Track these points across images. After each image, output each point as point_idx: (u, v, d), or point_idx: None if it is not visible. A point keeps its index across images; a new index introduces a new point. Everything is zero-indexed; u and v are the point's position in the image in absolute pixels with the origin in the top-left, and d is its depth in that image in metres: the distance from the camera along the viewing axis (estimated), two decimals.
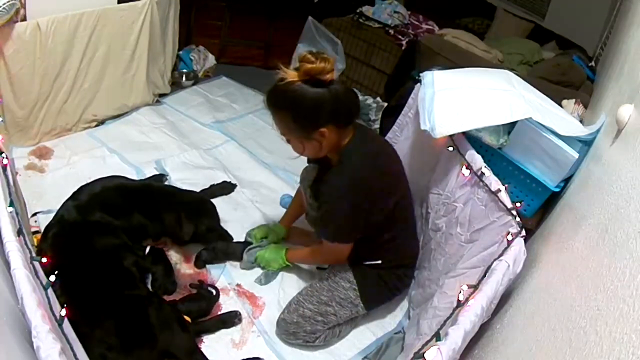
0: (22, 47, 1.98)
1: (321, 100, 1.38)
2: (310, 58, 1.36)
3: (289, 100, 1.40)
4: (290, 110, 1.42)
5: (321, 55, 1.37)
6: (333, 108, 1.40)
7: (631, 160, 1.00)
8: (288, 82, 1.38)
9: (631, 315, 0.66)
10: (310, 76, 1.36)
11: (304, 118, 1.42)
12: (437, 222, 1.71)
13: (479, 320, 1.12)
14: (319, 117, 1.41)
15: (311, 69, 1.35)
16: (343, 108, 1.43)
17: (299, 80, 1.37)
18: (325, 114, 1.41)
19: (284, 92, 1.40)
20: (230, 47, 3.48)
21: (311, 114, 1.40)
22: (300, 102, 1.39)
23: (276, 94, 1.43)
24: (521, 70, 2.77)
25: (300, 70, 1.37)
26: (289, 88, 1.38)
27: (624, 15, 2.28)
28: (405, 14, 3.31)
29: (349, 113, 1.47)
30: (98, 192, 1.71)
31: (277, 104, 1.44)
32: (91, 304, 1.39)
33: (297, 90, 1.38)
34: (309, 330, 1.60)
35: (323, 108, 1.40)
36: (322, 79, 1.37)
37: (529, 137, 1.59)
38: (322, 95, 1.38)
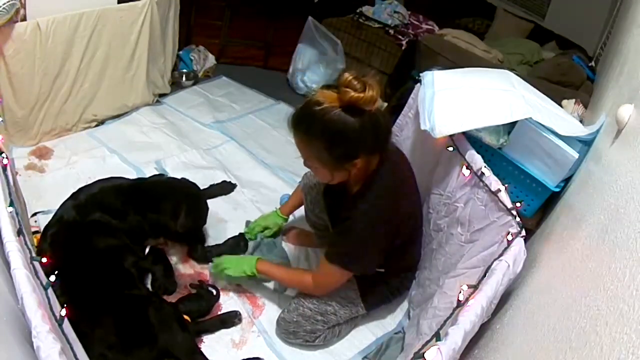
0: (22, 47, 1.98)
1: (363, 133, 1.26)
2: (356, 85, 1.22)
3: (326, 129, 1.26)
4: (327, 141, 1.28)
5: (367, 81, 1.24)
6: (373, 138, 1.30)
7: (631, 160, 1.00)
8: (325, 109, 1.23)
9: (631, 315, 0.66)
10: (355, 105, 1.23)
11: (342, 149, 1.29)
12: (439, 222, 1.71)
13: (479, 320, 1.12)
14: (358, 149, 1.29)
15: (358, 99, 1.21)
16: (380, 137, 1.33)
17: (339, 107, 1.24)
18: (365, 145, 1.30)
19: (321, 119, 1.24)
20: (230, 47, 3.48)
21: (351, 145, 1.28)
22: (339, 134, 1.25)
23: (310, 120, 1.28)
24: (521, 70, 2.77)
25: (343, 97, 1.22)
26: (326, 117, 1.23)
27: (624, 15, 2.28)
28: (405, 14, 3.31)
29: (384, 141, 1.37)
30: (96, 193, 1.71)
31: (309, 131, 1.29)
32: (91, 304, 1.39)
33: (337, 119, 1.23)
34: (309, 330, 1.60)
35: (364, 140, 1.28)
36: (366, 109, 1.24)
37: (529, 137, 1.59)
38: (364, 126, 1.25)
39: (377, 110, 1.29)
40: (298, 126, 1.31)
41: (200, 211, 1.86)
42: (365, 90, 1.22)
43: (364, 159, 1.33)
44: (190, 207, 1.78)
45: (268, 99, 3.06)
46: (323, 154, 1.31)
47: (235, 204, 2.19)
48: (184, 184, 1.90)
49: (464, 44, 2.88)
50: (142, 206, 1.73)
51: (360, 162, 1.32)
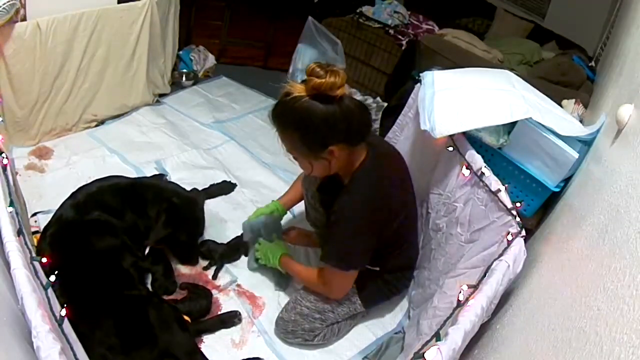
0: (22, 47, 1.98)
1: (331, 118, 1.29)
2: (319, 72, 1.26)
3: (296, 118, 1.31)
4: (298, 129, 1.33)
5: (331, 69, 1.27)
6: (344, 126, 1.31)
7: (631, 160, 1.00)
8: (295, 98, 1.29)
9: (631, 315, 0.66)
10: (319, 92, 1.27)
11: (313, 137, 1.33)
12: (438, 222, 1.71)
13: (479, 320, 1.12)
14: (329, 136, 1.32)
15: (320, 84, 1.25)
16: (354, 126, 1.34)
17: (306, 96, 1.28)
18: (335, 132, 1.32)
19: (290, 109, 1.31)
20: (230, 47, 3.48)
21: (320, 132, 1.31)
22: (308, 120, 1.30)
23: (282, 111, 1.34)
24: (521, 70, 2.77)
25: (308, 85, 1.27)
26: (295, 105, 1.29)
27: (624, 15, 2.28)
28: (405, 14, 3.31)
29: (360, 131, 1.38)
30: (94, 192, 1.71)
31: (283, 121, 1.35)
32: (91, 304, 1.39)
33: (305, 107, 1.28)
34: (308, 329, 1.60)
35: (333, 126, 1.30)
36: (332, 95, 1.27)
37: (529, 137, 1.58)
38: (332, 112, 1.28)
39: (350, 100, 1.32)
40: (274, 118, 1.37)
41: (183, 224, 1.76)
42: (327, 77, 1.25)
43: (341, 149, 1.35)
44: (171, 218, 1.70)
45: (268, 99, 3.06)
46: (297, 144, 1.36)
47: (235, 204, 2.19)
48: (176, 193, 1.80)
49: (464, 44, 2.87)
50: (136, 207, 1.72)
51: (337, 151, 1.35)
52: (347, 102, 1.31)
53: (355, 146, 1.40)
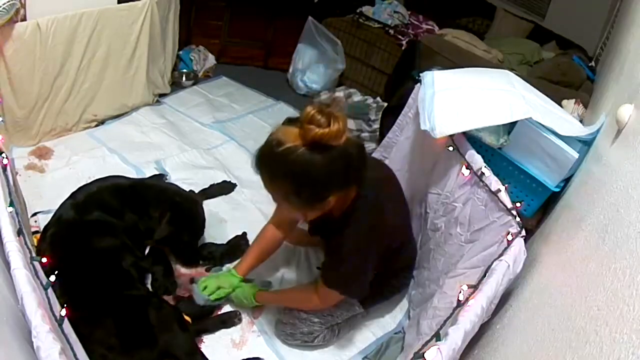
0: (22, 47, 1.98)
1: (333, 170, 1.15)
2: (319, 120, 1.09)
3: (291, 172, 1.15)
4: (292, 184, 1.17)
5: (332, 113, 1.11)
6: (344, 174, 1.19)
7: (631, 160, 1.00)
8: (289, 150, 1.11)
9: (631, 315, 0.66)
10: (321, 143, 1.11)
11: (311, 191, 1.19)
12: (436, 221, 1.71)
13: (479, 320, 1.12)
14: (328, 188, 1.19)
15: (323, 136, 1.09)
16: (354, 171, 1.22)
17: (303, 146, 1.11)
18: (336, 182, 1.19)
19: (284, 162, 1.13)
20: (230, 47, 3.47)
21: (319, 186, 1.18)
22: (306, 175, 1.14)
23: (272, 163, 1.17)
24: (521, 70, 2.77)
25: (306, 135, 1.10)
26: (290, 158, 1.12)
27: (624, 15, 2.28)
28: (405, 14, 3.31)
29: (358, 173, 1.25)
30: (94, 192, 1.71)
31: (273, 174, 1.19)
32: (91, 304, 1.39)
33: (302, 161, 1.12)
34: (306, 331, 1.60)
35: (334, 177, 1.17)
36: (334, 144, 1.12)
37: (529, 137, 1.58)
38: (333, 163, 1.14)
39: (347, 141, 1.16)
40: (261, 168, 1.21)
41: (185, 223, 1.77)
42: (330, 124, 1.09)
43: (339, 195, 1.24)
44: (174, 217, 1.72)
45: (268, 99, 3.06)
46: (291, 197, 1.21)
47: (235, 204, 2.19)
48: (178, 193, 1.82)
49: (464, 44, 2.87)
50: (137, 207, 1.72)
51: (335, 198, 1.23)
52: (349, 146, 1.16)
53: (350, 187, 1.29)
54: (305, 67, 3.18)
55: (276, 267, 1.90)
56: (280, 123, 1.22)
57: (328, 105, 1.14)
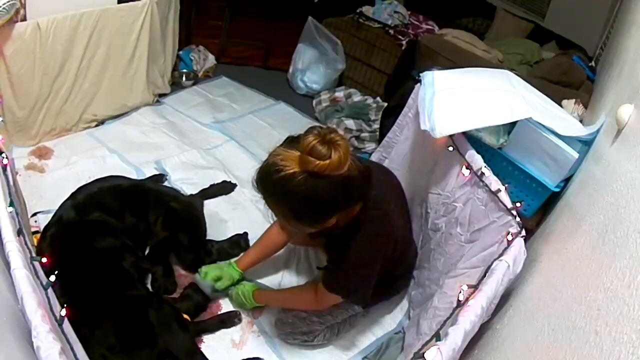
0: (22, 47, 1.98)
1: (333, 196, 1.14)
2: (319, 152, 1.06)
3: (290, 198, 1.14)
4: (292, 210, 1.17)
5: (334, 142, 1.08)
6: (345, 197, 1.17)
7: (631, 160, 1.00)
8: (288, 176, 1.10)
9: (631, 315, 0.66)
10: (323, 174, 1.09)
11: (310, 216, 1.19)
12: (437, 222, 1.71)
13: (479, 320, 1.12)
14: (329, 213, 1.20)
15: (322, 168, 1.07)
16: (356, 192, 1.20)
17: (303, 172, 1.09)
18: (337, 206, 1.19)
19: (283, 188, 1.12)
20: (230, 47, 3.47)
21: (319, 212, 1.18)
22: (305, 202, 1.13)
23: (272, 188, 1.16)
24: (521, 70, 2.77)
25: (306, 165, 1.08)
26: (290, 185, 1.10)
27: (624, 15, 2.28)
28: (405, 14, 3.31)
29: (362, 193, 1.24)
30: (94, 192, 1.71)
31: (271, 196, 1.19)
32: (91, 304, 1.39)
33: (301, 188, 1.09)
34: (306, 331, 1.60)
35: (334, 203, 1.17)
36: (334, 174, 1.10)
37: (529, 137, 1.59)
38: (334, 190, 1.12)
39: (350, 167, 1.13)
40: (261, 191, 1.20)
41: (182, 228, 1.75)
42: (332, 156, 1.07)
43: (340, 215, 1.24)
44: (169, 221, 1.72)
45: (268, 99, 3.06)
46: (291, 221, 1.22)
47: (235, 204, 2.19)
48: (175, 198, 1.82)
49: (464, 44, 2.87)
50: (136, 210, 1.72)
51: (335, 218, 1.24)
52: (352, 173, 1.14)
53: (356, 204, 1.28)
54: (305, 67, 3.18)
55: (276, 267, 1.90)
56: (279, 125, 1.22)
57: (330, 131, 1.12)
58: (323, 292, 1.43)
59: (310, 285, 1.63)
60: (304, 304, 1.58)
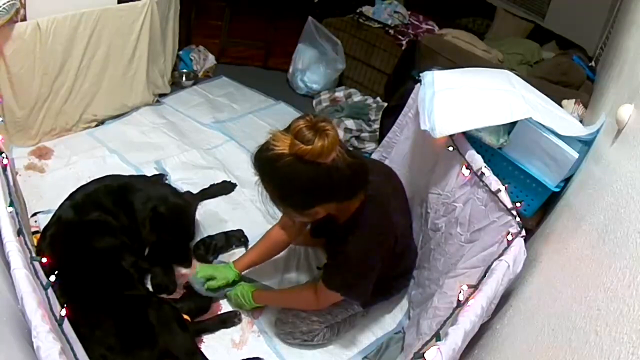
0: (22, 47, 1.98)
1: (316, 184, 1.17)
2: (306, 135, 1.10)
3: (277, 177, 1.19)
4: (277, 188, 1.22)
5: (322, 127, 1.11)
6: (330, 189, 1.19)
7: (631, 160, 1.00)
8: (277, 156, 1.14)
9: (631, 315, 0.66)
10: (306, 159, 1.12)
11: (295, 199, 1.23)
12: (437, 222, 1.71)
13: (479, 320, 1.12)
14: (311, 200, 1.22)
15: (306, 152, 1.10)
16: (344, 187, 1.22)
17: (290, 155, 1.13)
18: (320, 195, 1.21)
19: (271, 167, 1.17)
20: (230, 47, 3.48)
21: (302, 195, 1.21)
22: (288, 183, 1.18)
23: (262, 166, 1.21)
24: (521, 70, 2.77)
25: (292, 147, 1.12)
26: (277, 164, 1.14)
27: (624, 15, 2.28)
28: (405, 14, 3.31)
29: (352, 190, 1.27)
30: (91, 192, 1.71)
31: (262, 175, 1.23)
32: (91, 304, 1.39)
33: (286, 168, 1.14)
34: (306, 330, 1.60)
35: (318, 191, 1.19)
36: (319, 161, 1.13)
37: (529, 137, 1.59)
38: (317, 178, 1.15)
39: (342, 160, 1.16)
40: (255, 167, 1.23)
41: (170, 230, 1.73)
42: (315, 142, 1.10)
43: (327, 207, 1.26)
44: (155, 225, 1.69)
45: (268, 99, 3.06)
46: (277, 201, 1.26)
47: (235, 204, 2.19)
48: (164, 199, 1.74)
49: (464, 44, 2.87)
50: (126, 210, 1.71)
51: (323, 210, 1.26)
52: (339, 165, 1.15)
53: (344, 202, 1.29)
54: (305, 67, 3.18)
55: (276, 267, 1.89)
56: (279, 125, 1.24)
57: (323, 120, 1.14)
58: (322, 290, 1.44)
59: (310, 284, 1.63)
60: (303, 303, 1.58)
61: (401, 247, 1.52)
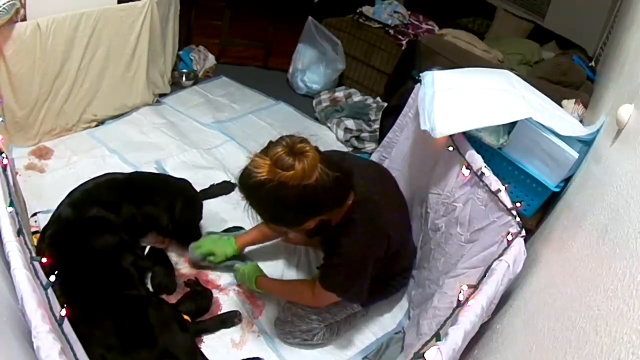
0: (22, 47, 1.98)
1: (302, 203, 1.18)
2: (286, 162, 1.11)
3: (262, 203, 1.21)
4: (266, 212, 1.25)
5: (299, 150, 1.13)
6: (318, 204, 1.22)
7: (631, 160, 1.00)
8: (260, 182, 1.15)
9: (631, 315, 0.66)
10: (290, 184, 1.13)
11: (284, 220, 1.27)
12: (437, 222, 1.71)
13: (479, 320, 1.12)
14: (301, 218, 1.25)
15: (286, 179, 1.12)
16: (331, 199, 1.24)
17: (272, 181, 1.14)
18: (309, 212, 1.24)
19: (256, 193, 1.19)
20: (230, 47, 3.48)
21: (290, 216, 1.24)
22: (277, 207, 1.19)
23: (247, 192, 1.22)
24: (521, 70, 2.77)
25: (272, 174, 1.13)
26: (261, 189, 1.15)
27: (624, 15, 2.28)
28: (405, 14, 3.31)
29: (339, 200, 1.29)
30: (90, 188, 1.72)
31: (249, 199, 1.23)
32: (90, 304, 1.39)
33: (270, 195, 1.15)
34: (305, 329, 1.60)
35: (305, 209, 1.22)
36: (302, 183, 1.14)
37: (529, 137, 1.59)
38: (302, 197, 1.16)
39: (324, 175, 1.17)
40: (241, 192, 1.25)
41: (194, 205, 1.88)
42: (295, 167, 1.12)
43: (317, 220, 1.28)
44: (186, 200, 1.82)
45: (268, 99, 3.06)
46: (267, 221, 1.29)
47: (235, 203, 2.18)
48: (177, 180, 1.94)
49: (464, 44, 2.87)
50: (136, 198, 1.74)
51: (314, 223, 1.28)
52: (322, 182, 1.17)
53: (334, 211, 1.31)
54: (305, 67, 3.18)
55: (277, 267, 1.90)
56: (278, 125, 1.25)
57: (300, 141, 1.16)
58: (320, 290, 1.45)
59: (311, 282, 1.64)
60: (303, 299, 1.60)
61: (396, 246, 1.53)
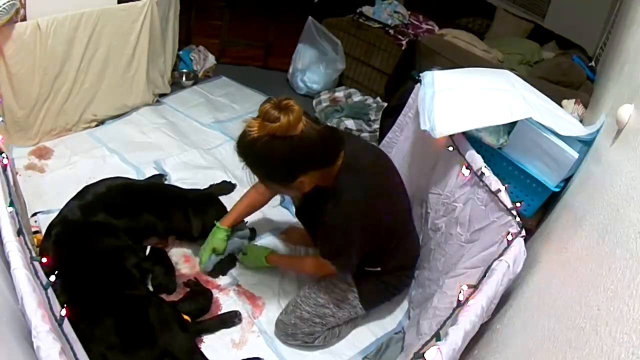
0: (22, 47, 1.98)
1: (291, 156, 1.26)
2: (272, 115, 1.21)
3: (255, 158, 1.30)
4: (261, 168, 1.33)
5: (286, 104, 1.23)
6: (307, 157, 1.30)
7: (631, 160, 1.00)
8: (253, 139, 1.24)
9: (631, 315, 0.66)
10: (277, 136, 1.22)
11: (278, 174, 1.34)
12: (437, 222, 1.71)
13: (479, 320, 1.12)
14: (294, 171, 1.31)
15: (276, 130, 1.21)
16: (319, 153, 1.32)
17: (264, 136, 1.23)
18: (300, 166, 1.31)
19: (250, 151, 1.28)
20: (230, 47, 3.48)
21: (284, 169, 1.31)
22: (269, 161, 1.28)
23: (244, 152, 1.31)
24: (521, 70, 2.77)
25: (262, 128, 1.23)
26: (254, 147, 1.25)
27: (624, 15, 2.28)
28: (405, 14, 3.31)
29: (328, 156, 1.36)
30: (103, 193, 1.72)
31: (245, 159, 1.32)
32: (91, 304, 1.39)
33: (263, 149, 1.24)
34: (307, 332, 1.60)
35: (296, 161, 1.29)
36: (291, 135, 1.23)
37: (529, 137, 1.59)
38: (291, 149, 1.25)
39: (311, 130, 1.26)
40: (238, 154, 1.32)
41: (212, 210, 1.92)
42: (281, 119, 1.20)
43: (311, 176, 1.34)
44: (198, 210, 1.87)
45: None
46: (265, 180, 1.39)
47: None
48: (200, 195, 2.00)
49: (464, 44, 2.87)
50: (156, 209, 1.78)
51: (307, 179, 1.33)
52: (309, 134, 1.26)
53: (324, 169, 1.37)
54: (305, 67, 3.18)
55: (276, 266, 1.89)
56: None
57: (287, 99, 1.26)
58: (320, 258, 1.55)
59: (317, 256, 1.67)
60: (312, 268, 1.72)
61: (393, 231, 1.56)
